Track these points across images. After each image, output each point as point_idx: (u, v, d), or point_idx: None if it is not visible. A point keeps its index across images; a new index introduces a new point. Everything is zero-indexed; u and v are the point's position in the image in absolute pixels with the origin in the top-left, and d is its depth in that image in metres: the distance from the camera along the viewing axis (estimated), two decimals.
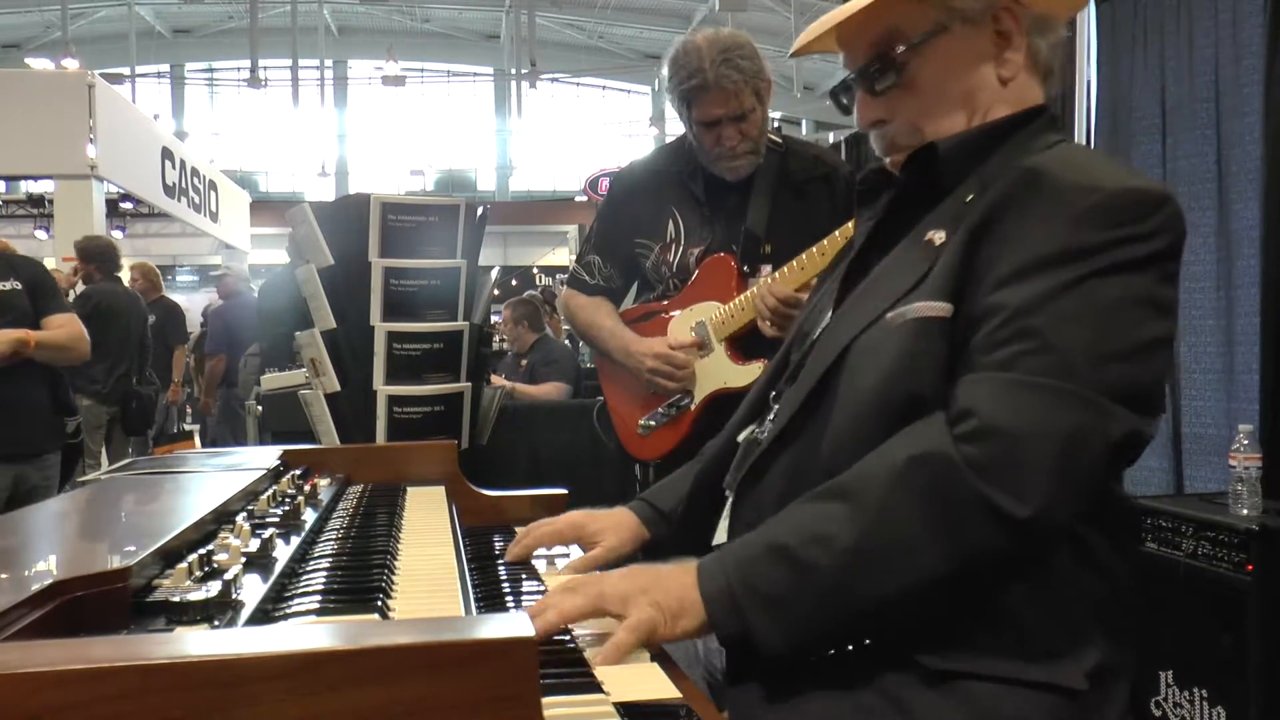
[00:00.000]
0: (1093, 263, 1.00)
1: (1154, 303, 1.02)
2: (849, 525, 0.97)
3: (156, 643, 0.63)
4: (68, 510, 1.34)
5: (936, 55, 1.15)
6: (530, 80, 17.68)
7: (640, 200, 2.35)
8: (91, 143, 8.27)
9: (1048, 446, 0.95)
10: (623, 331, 2.33)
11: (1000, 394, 0.98)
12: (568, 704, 0.78)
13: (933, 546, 0.95)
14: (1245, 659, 2.40)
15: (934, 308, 1.06)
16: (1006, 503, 0.94)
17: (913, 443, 1.00)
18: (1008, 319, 1.00)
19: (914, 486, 0.97)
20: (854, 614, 0.98)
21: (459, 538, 1.28)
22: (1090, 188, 1.03)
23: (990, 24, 1.15)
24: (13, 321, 3.12)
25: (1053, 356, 0.97)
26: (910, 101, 1.17)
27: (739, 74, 2.13)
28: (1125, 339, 0.99)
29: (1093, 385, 0.97)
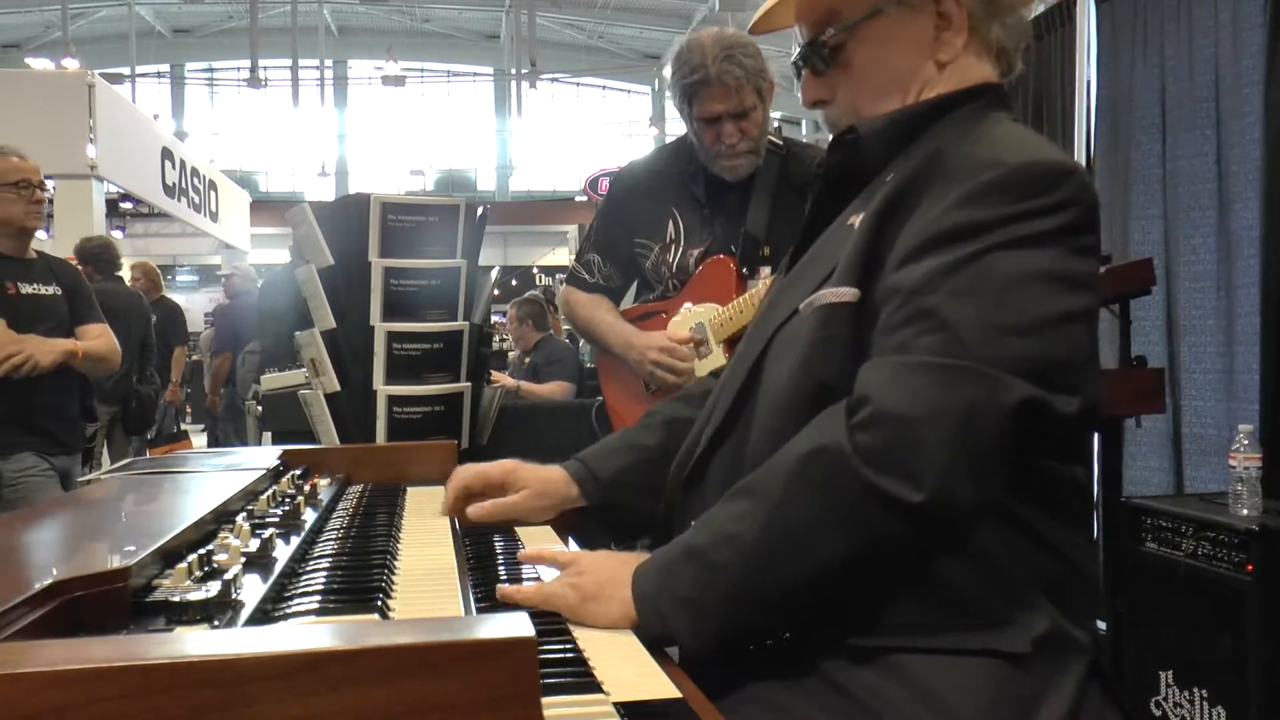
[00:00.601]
0: (989, 239, 0.98)
1: (1062, 278, 0.99)
2: (752, 523, 0.98)
3: (156, 643, 0.63)
4: (68, 510, 1.34)
5: (872, 37, 1.16)
6: (530, 80, 17.68)
7: (640, 200, 2.35)
8: (91, 143, 8.26)
9: (940, 427, 0.93)
10: (623, 326, 2.33)
11: (893, 378, 0.97)
12: (568, 704, 0.78)
13: (831, 540, 0.95)
14: (1245, 659, 2.40)
15: (840, 294, 1.06)
16: (899, 489, 0.92)
17: (811, 436, 1.00)
18: (903, 301, 1.00)
19: (809, 481, 0.97)
20: (767, 609, 0.99)
21: (459, 538, 1.28)
22: (991, 163, 1.02)
23: (931, 6, 1.14)
24: (54, 327, 3.10)
25: (946, 334, 0.96)
26: (847, 82, 1.18)
27: (741, 70, 2.13)
28: (1025, 314, 0.97)
29: (985, 359, 0.94)
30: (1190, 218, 3.70)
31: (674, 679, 0.88)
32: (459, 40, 23.33)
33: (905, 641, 0.98)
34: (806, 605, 0.99)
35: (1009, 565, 1.01)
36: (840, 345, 1.05)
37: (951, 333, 0.96)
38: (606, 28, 22.35)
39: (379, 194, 2.67)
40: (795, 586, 0.97)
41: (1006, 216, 0.99)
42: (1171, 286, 3.77)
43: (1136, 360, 2.99)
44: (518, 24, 19.43)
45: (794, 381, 1.07)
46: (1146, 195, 3.92)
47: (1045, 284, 0.99)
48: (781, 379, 1.09)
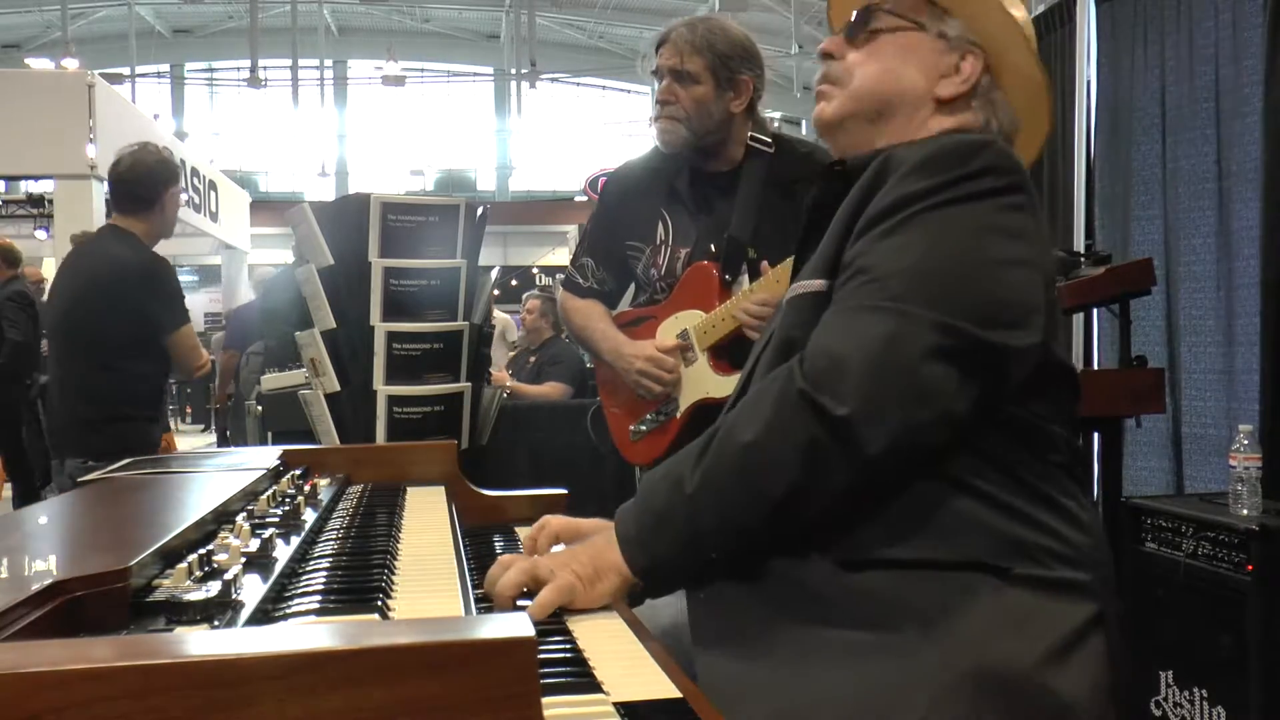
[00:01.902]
0: (918, 204, 1.09)
1: (991, 229, 1.09)
2: (718, 441, 1.08)
3: (156, 643, 0.63)
4: (68, 510, 1.34)
5: (903, 39, 1.27)
6: (530, 80, 17.68)
7: (632, 201, 2.33)
8: (91, 143, 8.26)
9: (862, 355, 1.03)
10: (614, 334, 2.32)
11: (828, 323, 1.09)
12: (568, 704, 0.78)
13: (775, 445, 1.04)
14: (1245, 659, 2.40)
15: (811, 285, 1.17)
16: (828, 402, 1.02)
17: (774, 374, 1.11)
18: (848, 270, 1.11)
19: (762, 399, 1.07)
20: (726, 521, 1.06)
21: (459, 538, 1.28)
22: (921, 150, 1.14)
23: (957, 57, 1.26)
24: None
25: (874, 283, 1.07)
26: (861, 56, 1.28)
27: (691, 35, 2.15)
28: (952, 259, 1.07)
29: (907, 297, 1.04)
30: (1190, 218, 3.70)
31: (674, 679, 0.88)
32: (459, 40, 23.33)
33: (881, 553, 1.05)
34: (766, 519, 1.06)
35: (1001, 503, 1.07)
36: (806, 327, 1.13)
37: (880, 282, 1.07)
38: (606, 28, 22.35)
39: (379, 194, 2.67)
40: (752, 489, 1.05)
41: (933, 186, 1.09)
42: (1171, 286, 3.77)
43: (1136, 360, 2.99)
44: (518, 24, 19.43)
45: (770, 360, 1.17)
46: (1146, 195, 3.92)
47: (973, 235, 1.09)
48: (768, 365, 1.18)
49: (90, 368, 3.11)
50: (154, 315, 3.12)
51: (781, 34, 17.78)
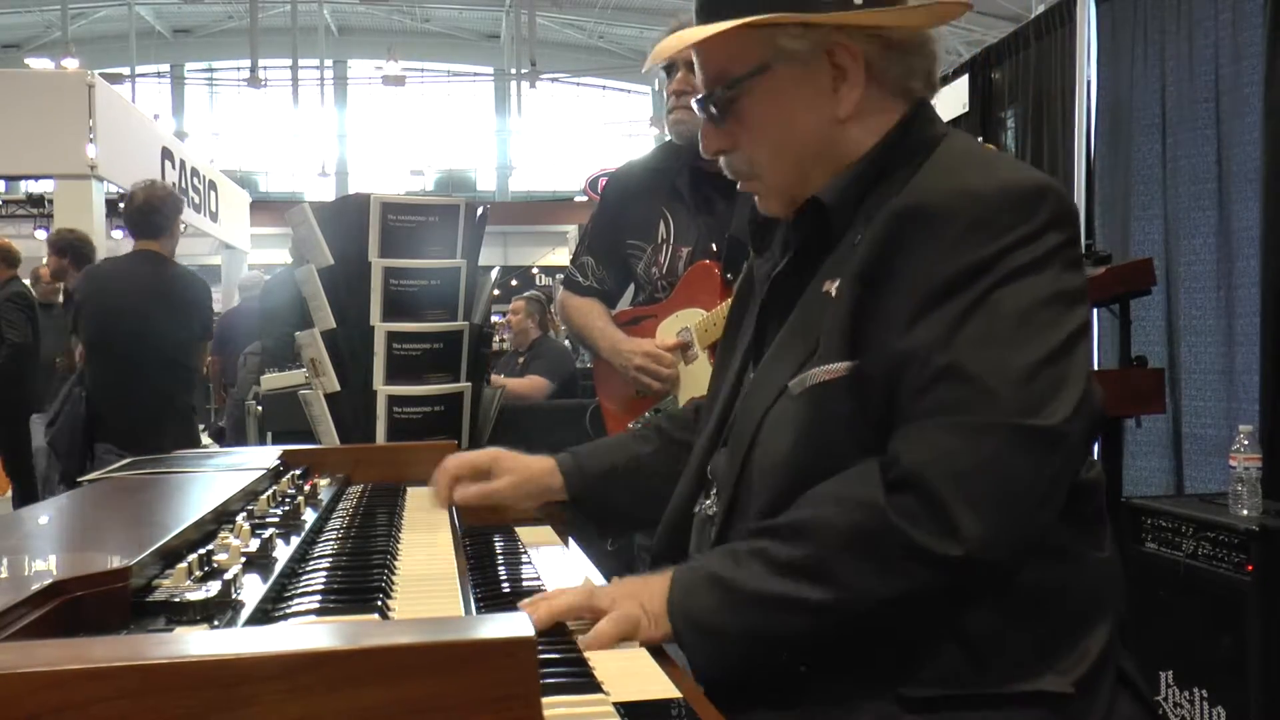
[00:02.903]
0: (989, 277, 0.98)
1: (1063, 297, 1.00)
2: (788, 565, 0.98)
3: (156, 643, 0.63)
4: (68, 510, 1.34)
5: (764, 92, 1.14)
6: (530, 80, 17.69)
7: (634, 200, 2.34)
8: (91, 143, 8.26)
9: (975, 485, 0.94)
10: (613, 331, 2.33)
11: (926, 441, 0.97)
12: (568, 704, 0.78)
13: (871, 593, 0.96)
14: (1245, 659, 2.40)
15: (831, 370, 1.05)
16: (938, 545, 0.93)
17: (847, 490, 1.00)
18: (923, 362, 0.99)
19: (848, 533, 0.97)
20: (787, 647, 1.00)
21: (459, 538, 1.28)
22: (966, 199, 1.01)
23: (824, 60, 1.12)
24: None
25: (972, 386, 0.96)
26: (745, 135, 1.17)
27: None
28: (1041, 344, 0.97)
29: (1017, 406, 0.95)
30: (1190, 218, 3.70)
31: (674, 679, 0.88)
32: (459, 40, 23.34)
33: (946, 690, 0.98)
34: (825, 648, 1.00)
35: (1043, 599, 1.01)
36: (838, 420, 1.04)
37: (978, 384, 0.96)
38: (606, 28, 22.35)
39: (379, 194, 2.67)
40: (817, 631, 0.98)
41: (1000, 251, 0.99)
42: (1171, 286, 3.77)
43: (1136, 360, 2.99)
44: (518, 24, 19.43)
45: (793, 462, 1.06)
46: (1146, 195, 3.92)
47: (1051, 308, 0.99)
48: (779, 460, 1.08)
49: (161, 368, 3.76)
50: (206, 323, 4.03)
51: None
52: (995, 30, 11.96)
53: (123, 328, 3.78)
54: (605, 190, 2.46)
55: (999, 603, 0.99)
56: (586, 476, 1.41)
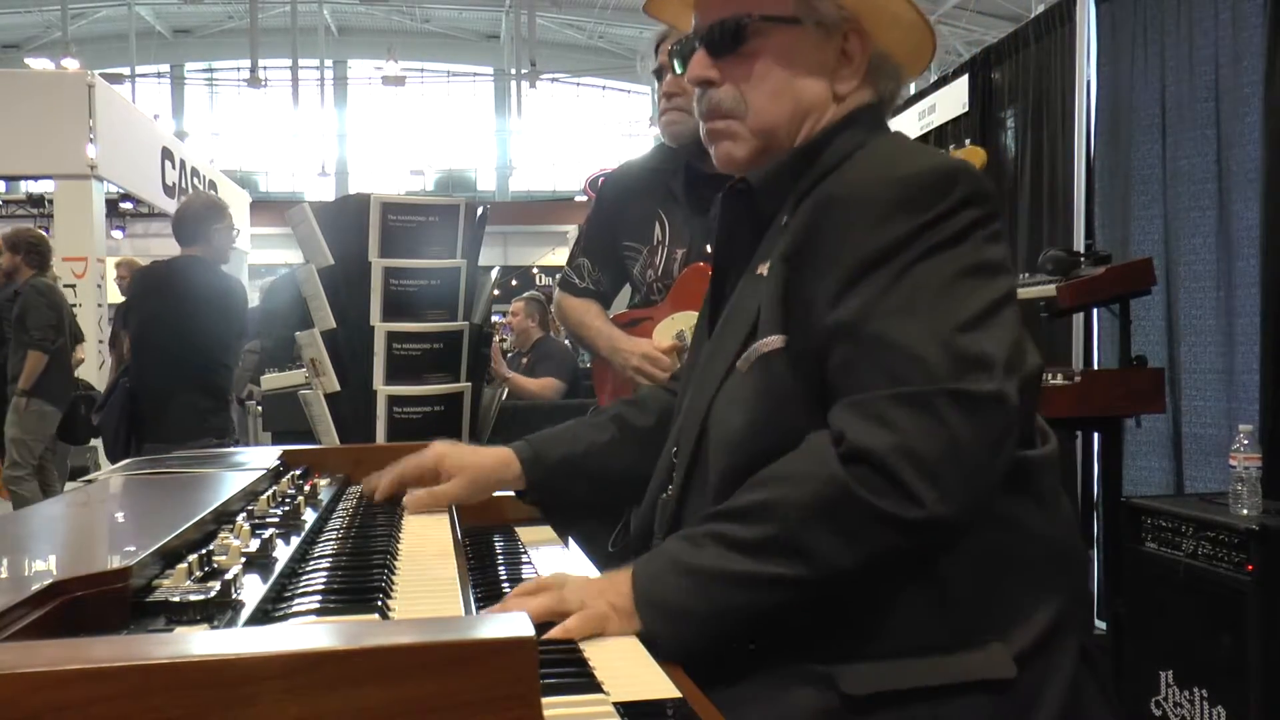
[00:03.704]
0: (909, 253, 1.03)
1: (984, 268, 1.05)
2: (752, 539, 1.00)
3: (156, 643, 0.63)
4: (68, 510, 1.34)
5: (782, 41, 1.18)
6: (530, 80, 17.69)
7: (630, 202, 2.34)
8: (91, 143, 8.26)
9: (922, 451, 0.97)
10: (611, 331, 2.33)
11: (867, 412, 1.00)
12: (568, 704, 0.78)
13: (839, 561, 0.99)
14: (1245, 659, 2.40)
15: (769, 343, 1.10)
16: (900, 509, 0.97)
17: (802, 466, 1.02)
18: (849, 334, 1.04)
19: (810, 505, 1.00)
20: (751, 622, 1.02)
21: (459, 538, 1.28)
22: (884, 182, 1.07)
23: (839, 40, 1.18)
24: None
25: (901, 355, 1.00)
26: (744, 72, 1.19)
27: None
28: (962, 311, 1.02)
29: (945, 371, 0.99)
30: (1190, 218, 3.70)
31: (674, 679, 0.88)
32: (459, 40, 23.34)
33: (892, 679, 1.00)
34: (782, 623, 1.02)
35: (990, 566, 1.05)
36: (784, 394, 1.08)
37: (905, 352, 1.00)
38: (606, 28, 22.35)
39: (379, 194, 2.67)
40: (783, 604, 1.00)
41: (918, 228, 1.04)
42: (1171, 286, 3.77)
43: (1136, 360, 2.99)
44: (518, 24, 19.43)
45: (748, 433, 1.10)
46: (1146, 195, 3.92)
47: (971, 278, 1.04)
48: (733, 433, 1.11)
49: (210, 366, 4.07)
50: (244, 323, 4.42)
51: None
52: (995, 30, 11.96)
53: (167, 328, 4.04)
54: (601, 192, 2.45)
55: (947, 567, 1.03)
56: (544, 465, 1.41)
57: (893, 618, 1.03)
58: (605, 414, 1.48)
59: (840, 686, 1.00)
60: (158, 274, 4.29)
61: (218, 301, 4.12)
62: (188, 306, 4.01)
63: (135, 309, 4.26)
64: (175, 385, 3.98)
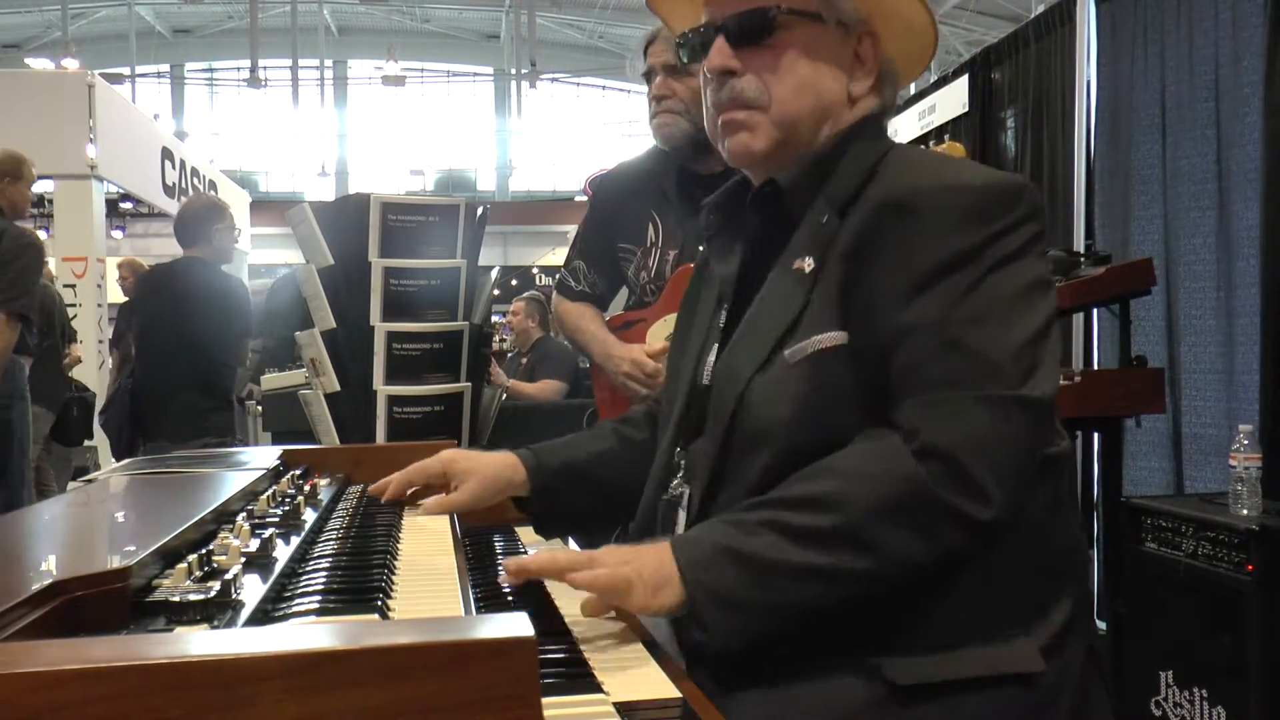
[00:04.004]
0: (980, 263, 1.07)
1: (1041, 283, 1.10)
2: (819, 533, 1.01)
3: (156, 643, 0.63)
4: (68, 510, 1.34)
5: (806, 35, 1.19)
6: (530, 80, 17.69)
7: (623, 203, 2.33)
8: (91, 143, 8.26)
9: (999, 453, 1.02)
10: (605, 336, 2.32)
11: (945, 414, 1.03)
12: (568, 704, 0.78)
13: (909, 557, 1.02)
14: (1245, 659, 2.40)
15: (831, 338, 1.10)
16: (973, 509, 1.01)
17: (876, 462, 1.04)
18: (924, 337, 1.06)
19: (885, 501, 1.01)
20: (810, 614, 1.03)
21: (459, 538, 1.28)
22: (956, 190, 1.10)
23: (854, 42, 1.21)
24: None
25: (975, 362, 1.04)
26: (768, 63, 1.19)
27: None
28: (1029, 323, 1.07)
29: (1015, 379, 1.04)
30: (1190, 218, 3.70)
31: (674, 679, 0.88)
32: (459, 40, 23.33)
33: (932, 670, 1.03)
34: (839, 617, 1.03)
35: (1017, 565, 1.08)
36: (841, 388, 1.09)
37: (981, 359, 1.04)
38: (606, 28, 22.34)
39: (379, 194, 2.67)
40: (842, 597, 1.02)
41: (989, 237, 1.08)
42: (1171, 286, 3.77)
43: (1136, 360, 2.99)
44: (518, 24, 19.43)
45: (800, 427, 1.10)
46: (1146, 195, 3.92)
47: (1032, 292, 1.09)
48: (777, 426, 1.11)
49: (211, 366, 4.11)
50: (246, 322, 4.34)
51: None
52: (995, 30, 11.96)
53: (169, 329, 4.14)
54: (595, 194, 2.45)
55: (990, 562, 1.05)
56: (547, 470, 1.42)
57: (937, 611, 1.05)
58: (604, 427, 1.50)
59: (887, 676, 1.03)
60: (160, 276, 4.36)
61: (219, 302, 4.17)
62: (189, 307, 4.07)
63: (137, 310, 4.35)
64: (177, 385, 4.04)
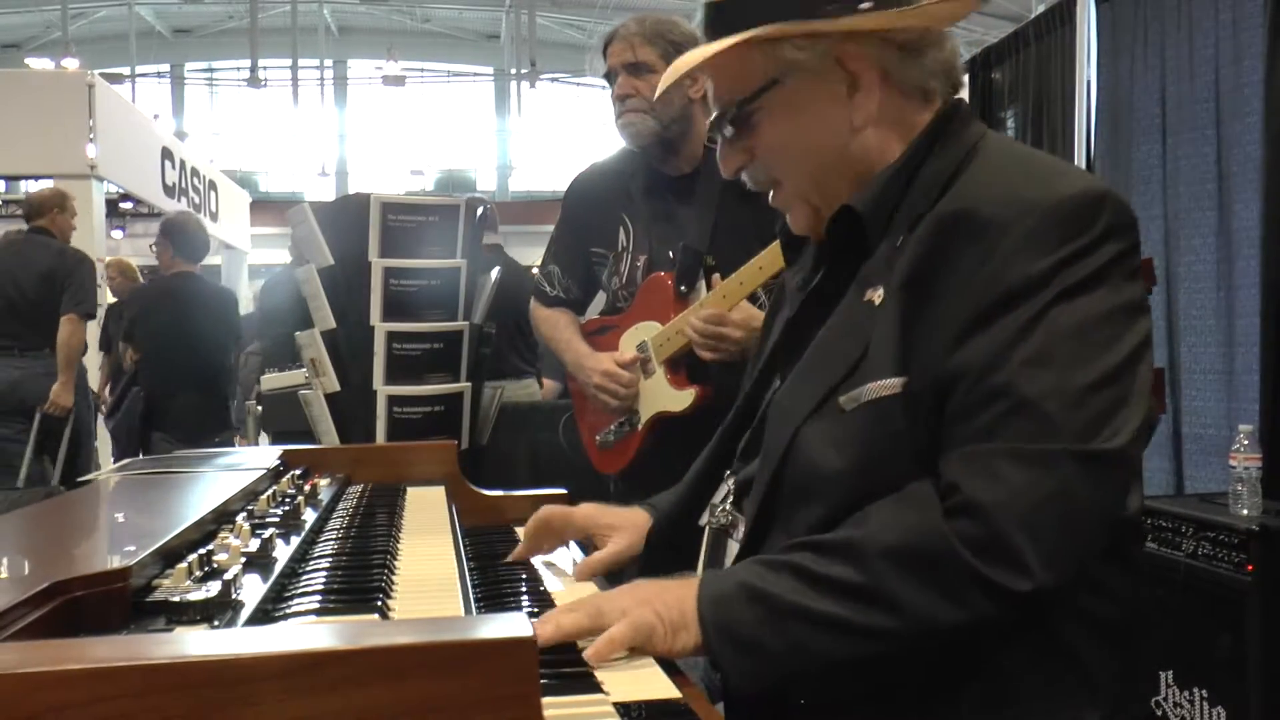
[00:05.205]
0: (1045, 293, 0.94)
1: (1121, 310, 0.96)
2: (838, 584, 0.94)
3: (156, 643, 0.63)
4: (68, 510, 1.34)
5: (777, 107, 1.10)
6: (530, 80, 17.68)
7: (594, 207, 2.29)
8: (91, 143, 8.25)
9: (1040, 517, 0.91)
10: (578, 345, 2.27)
11: (984, 469, 0.93)
12: (568, 704, 0.78)
13: (929, 621, 0.92)
14: (1245, 659, 2.40)
15: (885, 386, 1.00)
16: (1007, 579, 0.90)
17: (904, 516, 0.96)
18: (974, 382, 0.95)
19: (908, 559, 0.93)
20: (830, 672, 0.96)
21: (459, 538, 1.28)
22: (1020, 208, 0.97)
23: (838, 68, 1.08)
24: None
25: (1027, 412, 0.92)
26: (761, 148, 1.13)
27: (640, 27, 2.14)
28: (1099, 364, 0.93)
29: (1076, 431, 0.92)
30: (1190, 218, 3.70)
31: (674, 679, 0.88)
32: (459, 40, 23.32)
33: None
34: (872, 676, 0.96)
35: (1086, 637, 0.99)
36: (896, 438, 0.99)
37: (1033, 409, 0.92)
38: (606, 28, 22.31)
39: (379, 194, 2.67)
40: (862, 654, 0.94)
41: (1056, 264, 0.94)
42: (1171, 286, 3.77)
43: None
44: (518, 24, 19.43)
45: (846, 479, 1.01)
46: (1146, 195, 3.92)
47: (1111, 324, 0.95)
48: (828, 477, 1.02)
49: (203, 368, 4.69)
50: (235, 327, 5.09)
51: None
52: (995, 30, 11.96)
53: (170, 337, 4.69)
54: (566, 197, 2.39)
55: (1046, 633, 0.96)
56: (664, 513, 1.31)
57: (985, 683, 0.96)
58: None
59: None
60: (160, 290, 4.95)
61: (216, 310, 4.81)
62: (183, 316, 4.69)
63: (139, 322, 4.86)
64: (179, 386, 4.65)
